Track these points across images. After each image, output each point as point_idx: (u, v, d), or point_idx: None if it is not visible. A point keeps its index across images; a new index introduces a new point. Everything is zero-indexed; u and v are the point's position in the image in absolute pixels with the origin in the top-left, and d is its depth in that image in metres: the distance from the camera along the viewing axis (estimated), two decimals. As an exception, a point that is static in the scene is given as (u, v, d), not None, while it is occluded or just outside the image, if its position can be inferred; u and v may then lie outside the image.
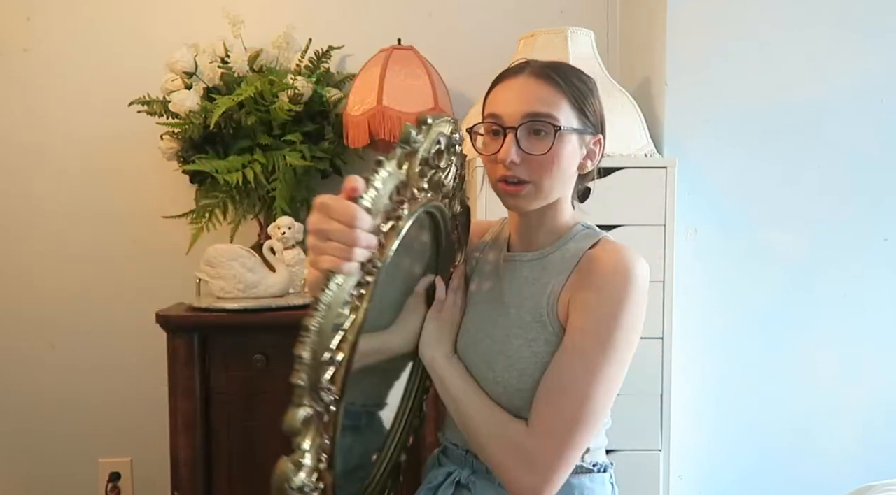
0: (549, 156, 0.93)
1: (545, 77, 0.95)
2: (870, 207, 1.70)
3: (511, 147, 0.93)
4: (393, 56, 1.80)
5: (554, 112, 0.93)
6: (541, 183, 0.94)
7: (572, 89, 0.96)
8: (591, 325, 0.89)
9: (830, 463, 1.74)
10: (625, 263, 0.90)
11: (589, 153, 0.99)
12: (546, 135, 0.93)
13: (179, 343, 1.52)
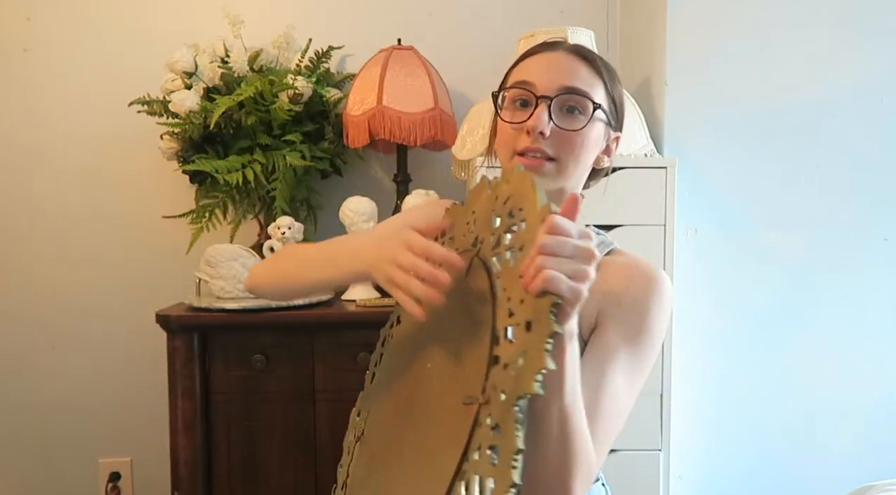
0: (579, 135, 0.89)
1: (585, 57, 0.92)
2: (870, 207, 1.70)
3: (543, 116, 0.87)
4: (393, 56, 1.80)
5: (591, 92, 0.90)
6: (566, 162, 0.89)
7: (609, 77, 0.93)
8: (629, 340, 0.85)
9: (830, 463, 1.74)
10: (654, 274, 0.89)
11: (607, 148, 0.96)
12: (580, 113, 0.89)
13: (179, 343, 1.52)
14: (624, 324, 0.85)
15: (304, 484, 1.57)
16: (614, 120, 0.95)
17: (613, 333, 0.85)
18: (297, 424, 1.56)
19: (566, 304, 0.63)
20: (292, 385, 1.56)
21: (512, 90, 0.92)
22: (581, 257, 0.64)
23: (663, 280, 0.88)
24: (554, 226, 0.64)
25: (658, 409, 1.53)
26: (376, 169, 2.05)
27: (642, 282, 0.88)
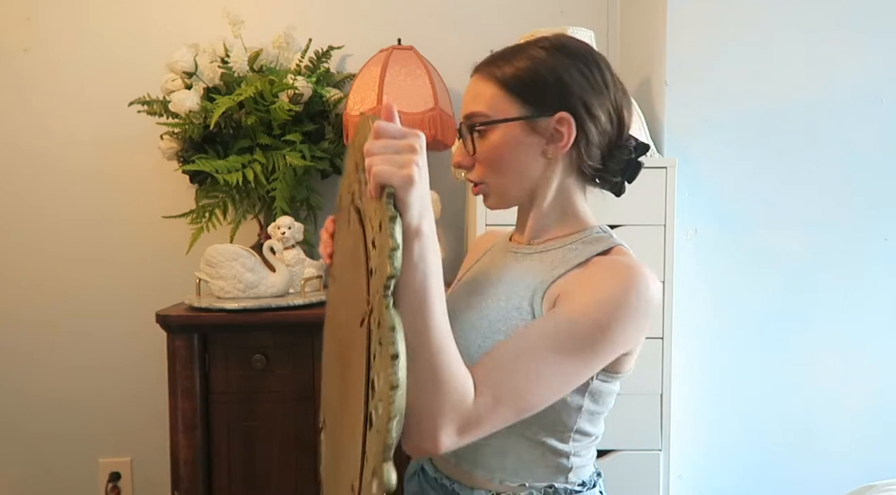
0: (484, 153, 0.90)
1: (480, 72, 0.92)
2: (870, 207, 1.70)
3: (459, 150, 0.93)
4: (393, 56, 1.80)
5: (483, 108, 0.89)
6: (490, 182, 0.92)
7: (505, 76, 0.89)
8: (580, 317, 0.80)
9: (830, 463, 1.74)
10: (640, 276, 0.82)
11: (553, 136, 0.89)
12: (482, 133, 0.89)
13: (179, 343, 1.52)
14: (586, 311, 0.80)
15: (305, 484, 1.57)
16: (543, 108, 0.88)
17: (564, 305, 0.82)
18: (297, 424, 1.56)
19: (399, 191, 0.68)
20: (292, 385, 1.57)
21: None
22: (404, 149, 0.69)
23: (642, 279, 0.82)
24: (377, 131, 0.70)
25: (658, 409, 1.53)
26: (376, 169, 2.05)
27: (617, 272, 0.83)
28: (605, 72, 0.91)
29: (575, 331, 0.79)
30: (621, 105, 0.92)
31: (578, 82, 0.89)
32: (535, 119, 0.88)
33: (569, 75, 0.88)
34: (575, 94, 0.88)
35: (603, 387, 0.90)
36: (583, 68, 0.89)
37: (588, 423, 0.91)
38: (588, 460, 0.96)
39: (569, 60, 0.89)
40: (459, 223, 2.00)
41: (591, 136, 0.90)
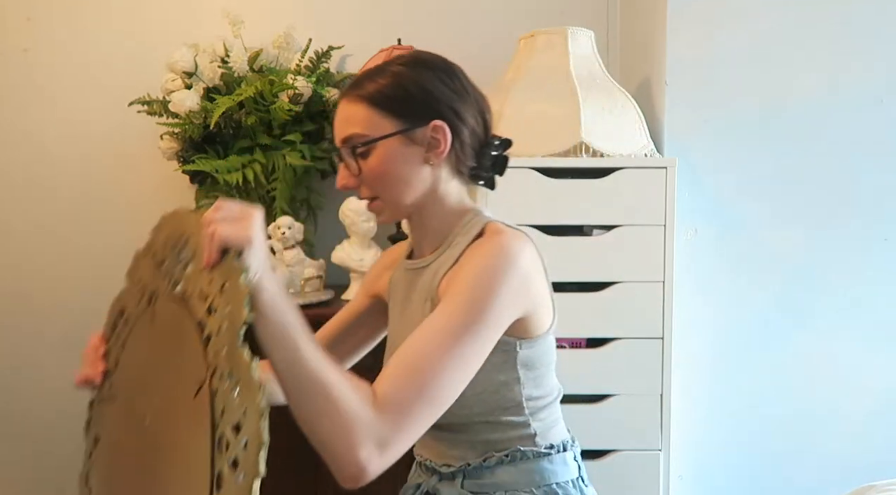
0: (368, 172, 0.93)
1: (348, 95, 0.95)
2: (870, 207, 1.70)
3: (341, 173, 0.95)
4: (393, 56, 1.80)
5: (359, 129, 0.93)
6: (384, 196, 0.95)
7: (374, 94, 0.93)
8: (457, 302, 0.84)
9: (830, 463, 1.74)
10: (500, 244, 0.88)
11: (431, 144, 0.94)
12: (363, 153, 0.93)
13: (179, 343, 1.52)
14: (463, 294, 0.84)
15: (304, 484, 1.57)
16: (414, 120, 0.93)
17: (452, 298, 0.85)
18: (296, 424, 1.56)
19: (240, 249, 0.71)
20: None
21: None
22: (243, 215, 0.73)
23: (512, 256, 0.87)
24: (216, 206, 0.74)
25: (658, 409, 1.53)
26: (376, 169, 2.05)
27: (484, 250, 0.89)
28: (463, 79, 0.98)
29: (459, 315, 0.83)
30: (483, 108, 1.00)
31: (443, 91, 0.95)
32: (411, 131, 0.93)
33: (433, 86, 0.95)
34: (443, 102, 0.94)
35: (530, 353, 0.94)
36: (444, 78, 0.96)
37: (534, 388, 0.96)
38: (552, 421, 1.00)
39: (430, 72, 0.95)
40: (459, 223, 2.00)
41: (465, 138, 0.96)
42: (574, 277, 1.51)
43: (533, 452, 0.96)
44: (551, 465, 0.98)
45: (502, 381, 0.93)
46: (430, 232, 1.00)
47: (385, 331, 1.15)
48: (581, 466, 1.03)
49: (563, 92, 1.56)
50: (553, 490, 0.97)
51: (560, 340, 1.52)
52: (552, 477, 0.97)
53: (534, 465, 0.96)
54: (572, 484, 1.00)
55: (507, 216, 1.49)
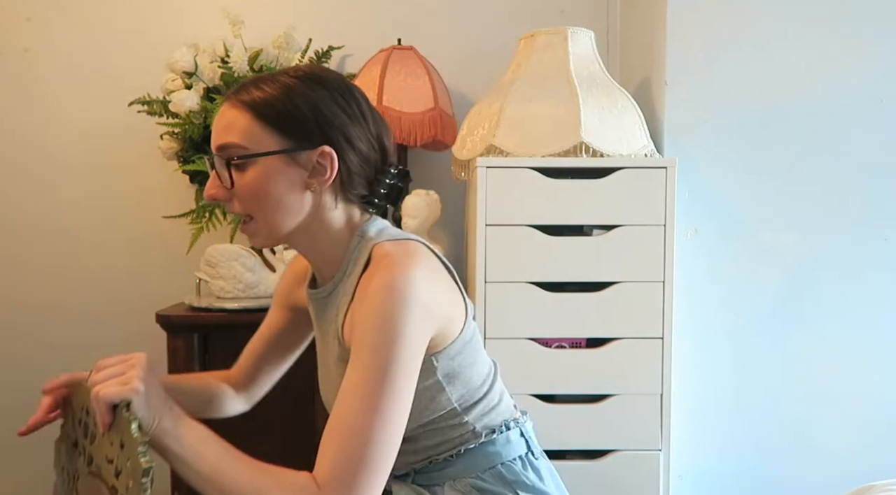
0: (242, 187, 0.87)
1: (234, 101, 0.88)
2: (870, 207, 1.70)
3: (211, 182, 0.89)
4: (393, 56, 1.80)
5: (239, 139, 0.86)
6: (259, 218, 0.89)
7: (262, 107, 0.86)
8: (365, 357, 0.80)
9: (830, 463, 1.74)
10: (390, 282, 0.81)
11: (314, 170, 0.88)
12: (240, 166, 0.86)
13: (179, 343, 1.52)
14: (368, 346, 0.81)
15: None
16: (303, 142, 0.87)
17: (359, 354, 0.82)
18: (296, 424, 1.56)
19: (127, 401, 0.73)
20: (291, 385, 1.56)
21: None
22: (123, 369, 0.78)
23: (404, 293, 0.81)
24: (96, 367, 0.79)
25: (658, 409, 1.53)
26: (376, 169, 2.05)
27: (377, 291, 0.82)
28: (362, 102, 0.92)
29: (371, 372, 0.80)
30: (381, 134, 0.94)
31: (337, 114, 0.89)
32: (295, 152, 0.87)
33: (327, 107, 0.88)
34: (335, 126, 0.88)
35: (449, 363, 0.93)
36: (340, 100, 0.89)
37: (462, 388, 0.95)
38: (491, 406, 0.99)
39: (326, 92, 0.89)
40: (459, 223, 2.00)
41: (354, 167, 0.90)
42: (574, 277, 1.51)
43: (476, 443, 0.97)
44: (494, 447, 0.98)
45: (429, 396, 0.93)
46: (321, 259, 0.95)
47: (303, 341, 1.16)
48: (529, 439, 1.03)
49: (563, 92, 1.56)
50: (498, 471, 0.98)
51: (560, 340, 1.52)
52: (496, 458, 0.98)
53: (478, 452, 0.97)
54: (520, 460, 1.00)
55: (507, 216, 1.50)
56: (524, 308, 1.51)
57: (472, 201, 1.60)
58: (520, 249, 1.50)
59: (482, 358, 0.99)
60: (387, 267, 0.84)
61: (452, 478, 0.98)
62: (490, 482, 0.97)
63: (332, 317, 0.94)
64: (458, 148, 1.68)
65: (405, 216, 1.70)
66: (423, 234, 1.72)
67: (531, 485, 0.98)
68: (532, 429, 1.06)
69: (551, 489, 1.01)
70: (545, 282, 1.51)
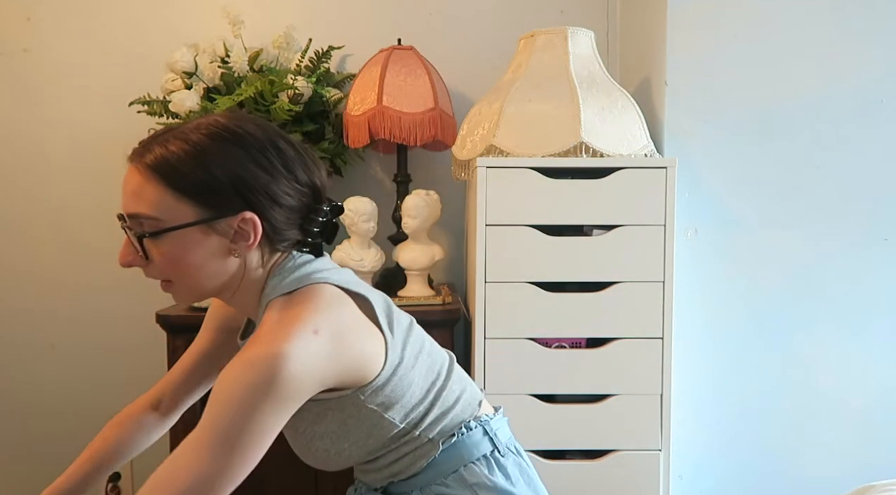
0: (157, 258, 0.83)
1: (143, 169, 0.82)
2: (870, 207, 1.70)
3: (126, 248, 0.85)
4: (393, 56, 1.80)
5: (150, 210, 0.81)
6: (176, 281, 0.86)
7: (177, 179, 0.81)
8: (208, 425, 0.77)
9: (830, 463, 1.74)
10: (254, 360, 0.77)
11: (237, 235, 0.84)
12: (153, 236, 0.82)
13: (179, 343, 1.52)
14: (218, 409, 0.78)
15: (304, 484, 1.57)
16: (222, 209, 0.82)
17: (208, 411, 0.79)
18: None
19: None
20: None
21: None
22: None
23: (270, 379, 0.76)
24: None
25: (658, 409, 1.53)
26: (376, 169, 2.05)
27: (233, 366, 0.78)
28: (286, 151, 0.86)
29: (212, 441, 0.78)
30: (312, 176, 0.88)
31: (257, 175, 0.83)
32: (214, 221, 0.82)
33: (246, 170, 0.82)
34: (256, 189, 0.83)
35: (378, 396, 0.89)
36: (260, 157, 0.83)
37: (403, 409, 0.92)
38: (445, 411, 0.96)
39: (243, 151, 0.83)
40: (459, 223, 2.00)
41: (280, 223, 0.86)
42: (574, 277, 1.51)
43: (436, 452, 0.95)
44: (456, 450, 0.96)
45: (370, 424, 0.91)
46: (248, 310, 0.93)
47: None
48: (494, 437, 0.99)
49: (563, 92, 1.56)
50: (460, 474, 0.96)
51: (560, 340, 1.52)
52: (458, 461, 0.96)
53: (440, 459, 0.95)
54: (484, 460, 0.97)
55: (507, 216, 1.50)
56: (524, 308, 1.51)
57: (472, 201, 1.60)
58: (520, 249, 1.50)
59: (419, 373, 0.94)
60: (263, 340, 0.79)
61: (421, 487, 0.97)
62: (452, 486, 0.95)
63: None
64: (458, 148, 1.68)
65: (405, 216, 1.70)
66: (423, 235, 1.72)
67: (493, 485, 0.95)
68: (505, 425, 1.04)
69: (519, 487, 0.98)
70: (545, 282, 1.51)
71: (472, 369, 1.56)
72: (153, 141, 0.85)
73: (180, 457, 0.79)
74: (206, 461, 0.77)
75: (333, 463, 0.94)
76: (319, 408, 0.89)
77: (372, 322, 0.90)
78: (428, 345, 0.99)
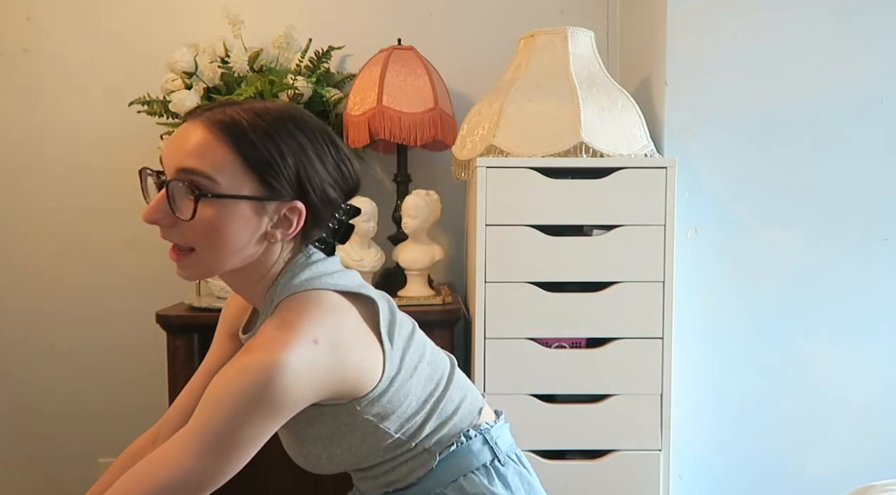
0: (199, 222, 0.79)
1: (217, 129, 0.80)
2: (870, 207, 1.70)
3: (157, 205, 0.81)
4: (393, 56, 1.80)
5: (212, 171, 0.79)
6: (201, 252, 0.82)
7: (250, 150, 0.80)
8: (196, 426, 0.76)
9: (830, 463, 1.74)
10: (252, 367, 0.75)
11: (279, 222, 0.84)
12: (202, 197, 0.79)
13: (179, 343, 1.52)
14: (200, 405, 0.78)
15: (304, 484, 1.57)
16: (278, 192, 0.82)
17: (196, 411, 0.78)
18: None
19: None
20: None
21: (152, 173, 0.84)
22: None
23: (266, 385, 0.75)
24: None
25: (658, 409, 1.53)
26: (376, 169, 2.05)
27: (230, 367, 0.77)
28: (339, 146, 0.88)
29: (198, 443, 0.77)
30: (353, 173, 0.90)
31: (317, 168, 0.84)
32: (267, 202, 0.82)
33: (311, 163, 0.83)
34: (314, 182, 0.84)
35: (374, 406, 0.88)
36: (320, 150, 0.84)
37: (399, 419, 0.90)
38: (443, 421, 0.94)
39: (308, 142, 0.83)
40: (459, 223, 2.00)
41: (318, 218, 0.87)
42: (574, 277, 1.51)
43: (434, 462, 0.93)
44: (455, 460, 0.95)
45: (364, 432, 0.89)
46: (254, 299, 0.91)
47: None
48: (494, 446, 0.98)
49: (563, 92, 1.56)
50: (459, 484, 0.94)
51: (560, 340, 1.52)
52: (458, 471, 0.94)
53: (439, 468, 0.94)
54: (484, 469, 0.96)
55: (507, 216, 1.50)
56: (524, 308, 1.51)
57: (472, 201, 1.60)
58: (520, 249, 1.50)
59: (417, 382, 0.92)
60: (261, 345, 0.77)
61: None
62: None
63: None
64: (458, 148, 1.68)
65: (405, 216, 1.70)
66: (423, 235, 1.72)
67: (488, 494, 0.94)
68: (506, 432, 1.02)
69: None
70: (545, 282, 1.51)
71: (472, 369, 1.56)
72: (221, 105, 0.83)
73: (166, 453, 0.77)
74: (191, 460, 0.76)
75: (326, 467, 0.92)
76: (314, 412, 0.87)
77: (373, 330, 0.88)
78: (429, 353, 0.97)
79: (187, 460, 0.76)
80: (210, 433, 0.76)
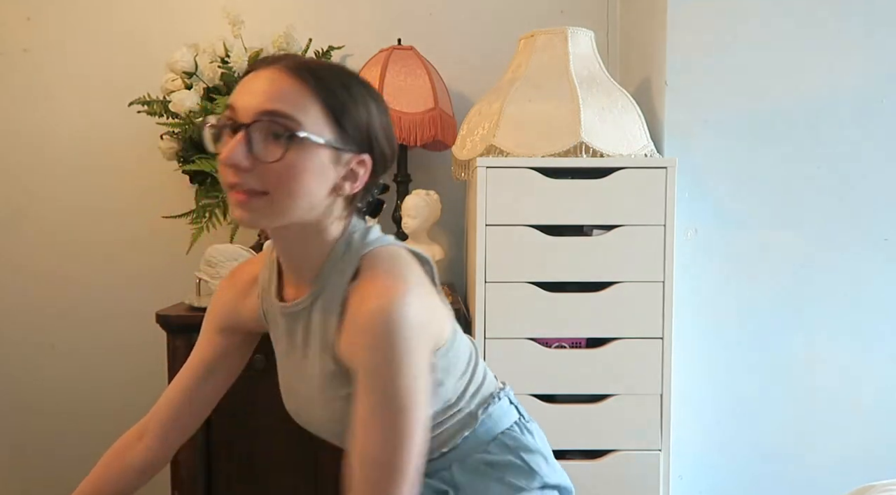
0: (283, 165, 0.79)
1: (298, 74, 0.81)
2: (870, 207, 1.70)
3: (238, 148, 0.79)
4: (393, 56, 1.80)
5: (297, 114, 0.80)
6: (277, 196, 0.81)
7: (330, 96, 0.82)
8: (379, 391, 0.80)
9: (830, 463, 1.74)
10: (389, 311, 0.79)
11: (348, 174, 0.86)
12: (286, 140, 0.79)
13: (179, 343, 1.52)
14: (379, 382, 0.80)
15: (304, 484, 1.57)
16: (350, 143, 0.84)
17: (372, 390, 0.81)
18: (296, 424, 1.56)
19: None
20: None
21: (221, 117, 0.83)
22: None
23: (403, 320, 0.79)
24: None
25: (658, 409, 1.53)
26: (376, 169, 2.05)
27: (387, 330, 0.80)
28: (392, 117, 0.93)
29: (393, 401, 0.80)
30: (395, 140, 0.93)
31: (383, 128, 0.88)
32: (343, 152, 0.84)
33: (377, 119, 0.87)
34: (379, 139, 0.87)
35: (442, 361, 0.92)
36: (384, 114, 0.89)
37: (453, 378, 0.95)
38: (478, 385, 1.00)
39: (374, 103, 0.87)
40: (459, 223, 2.00)
41: (374, 180, 0.90)
42: (574, 277, 1.51)
43: (474, 425, 0.99)
44: (492, 420, 1.00)
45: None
46: (304, 262, 0.90)
47: (242, 367, 1.11)
48: (517, 405, 1.06)
49: (563, 92, 1.56)
50: (501, 440, 1.00)
51: (560, 340, 1.52)
52: (496, 429, 1.00)
53: (479, 430, 0.99)
54: (517, 426, 1.03)
55: (507, 216, 1.50)
56: (524, 308, 1.51)
57: (472, 201, 1.60)
58: (520, 249, 1.50)
59: (464, 345, 0.98)
60: (382, 293, 0.81)
61: (460, 460, 0.99)
62: (496, 453, 0.99)
63: (315, 331, 0.91)
64: (458, 148, 1.68)
65: (405, 216, 1.70)
66: (423, 235, 1.72)
67: (533, 447, 1.02)
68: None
69: (543, 447, 1.05)
70: (545, 282, 1.51)
71: (472, 369, 1.56)
72: (289, 55, 0.86)
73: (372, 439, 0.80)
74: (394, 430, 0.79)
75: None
76: None
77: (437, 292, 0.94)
78: None
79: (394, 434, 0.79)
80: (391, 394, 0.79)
